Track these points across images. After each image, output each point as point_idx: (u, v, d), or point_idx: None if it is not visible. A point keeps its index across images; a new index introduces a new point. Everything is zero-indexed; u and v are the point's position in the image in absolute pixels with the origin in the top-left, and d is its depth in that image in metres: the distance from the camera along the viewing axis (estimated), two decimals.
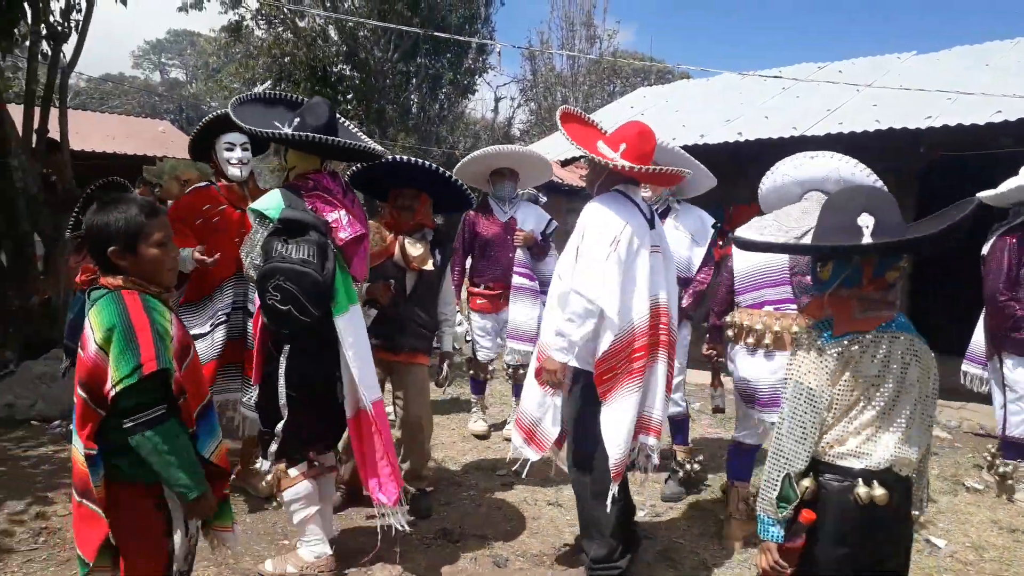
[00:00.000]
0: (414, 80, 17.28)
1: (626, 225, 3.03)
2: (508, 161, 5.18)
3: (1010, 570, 3.63)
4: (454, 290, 5.04)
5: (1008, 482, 4.48)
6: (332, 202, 3.16)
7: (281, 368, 3.09)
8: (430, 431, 4.17)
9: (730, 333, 3.61)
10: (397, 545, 3.51)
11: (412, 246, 3.87)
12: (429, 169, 3.82)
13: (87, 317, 2.12)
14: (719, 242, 4.86)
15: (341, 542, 3.56)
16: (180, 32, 40.98)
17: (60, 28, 6.63)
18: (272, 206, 3.04)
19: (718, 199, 8.04)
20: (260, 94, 3.51)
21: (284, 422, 3.12)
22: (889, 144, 6.82)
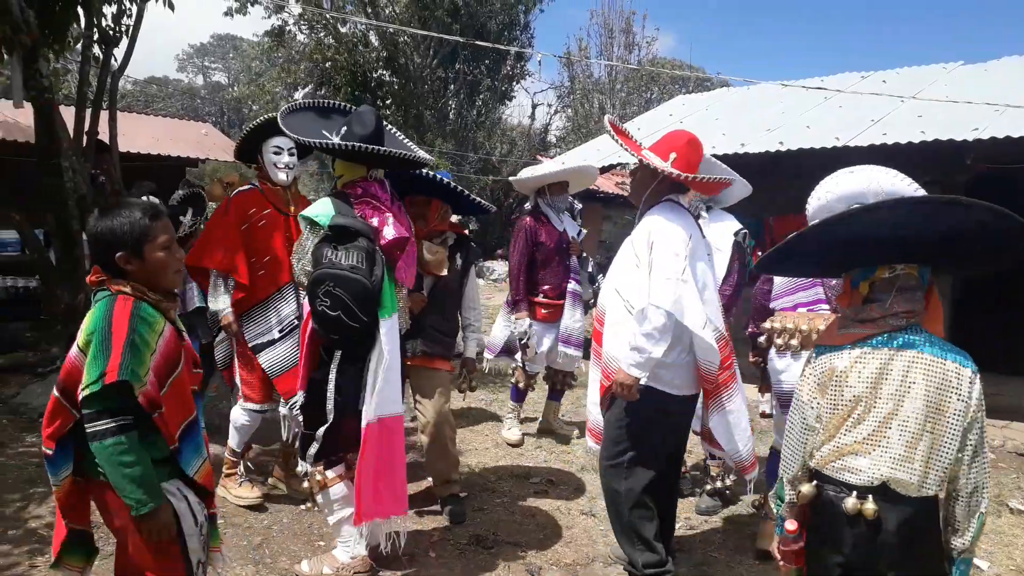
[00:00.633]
0: (452, 86, 17.40)
1: (690, 237, 3.06)
2: (570, 176, 5.29)
3: None
4: (521, 301, 5.11)
5: None
6: (380, 208, 3.21)
7: (332, 373, 3.12)
8: (453, 435, 4.18)
9: (762, 339, 3.59)
10: (433, 550, 3.53)
11: (427, 252, 3.91)
12: (438, 182, 3.80)
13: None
14: (757, 252, 4.81)
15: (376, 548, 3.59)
16: (223, 36, 41.79)
17: (111, 32, 6.80)
18: (323, 213, 3.10)
19: (757, 209, 7.99)
20: (311, 103, 3.57)
21: (328, 426, 3.15)
22: (935, 156, 6.70)
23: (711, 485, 4.38)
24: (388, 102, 17.46)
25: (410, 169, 3.59)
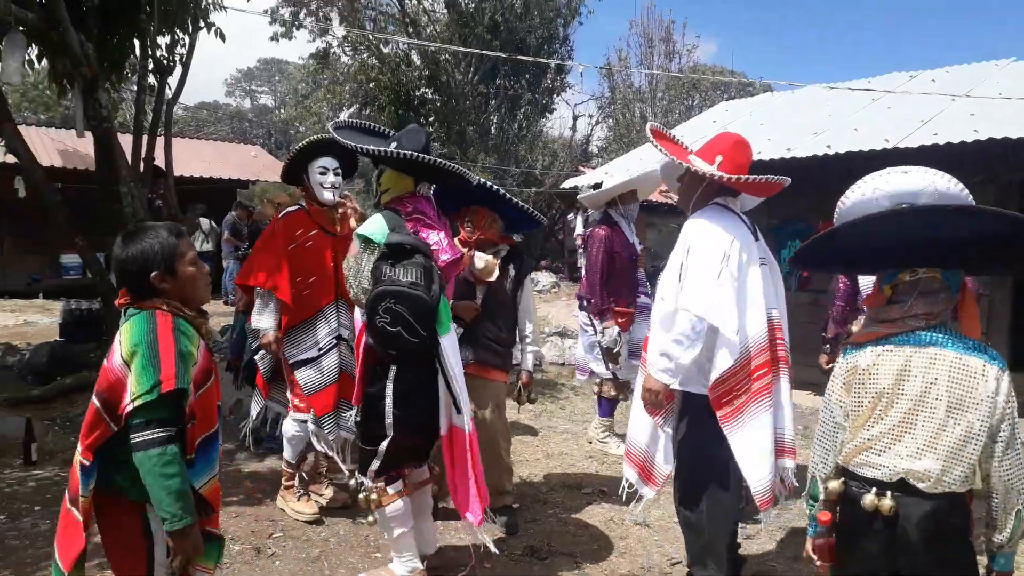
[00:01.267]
0: (493, 101, 17.50)
1: (734, 239, 2.96)
2: (639, 183, 5.29)
3: None
4: (606, 310, 5.13)
5: None
6: (432, 225, 3.27)
7: (388, 388, 3.17)
8: (508, 445, 4.20)
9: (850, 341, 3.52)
10: (488, 561, 3.56)
11: (478, 260, 3.96)
12: (490, 190, 3.86)
13: (119, 331, 2.15)
14: None
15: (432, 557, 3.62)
16: (269, 60, 42.79)
17: (166, 62, 7.05)
18: (377, 231, 3.14)
19: (806, 214, 7.88)
20: (355, 123, 3.64)
21: (388, 440, 3.18)
22: (988, 155, 6.53)
23: None
24: (431, 119, 17.64)
25: (456, 183, 3.61)
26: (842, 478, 2.19)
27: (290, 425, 4.14)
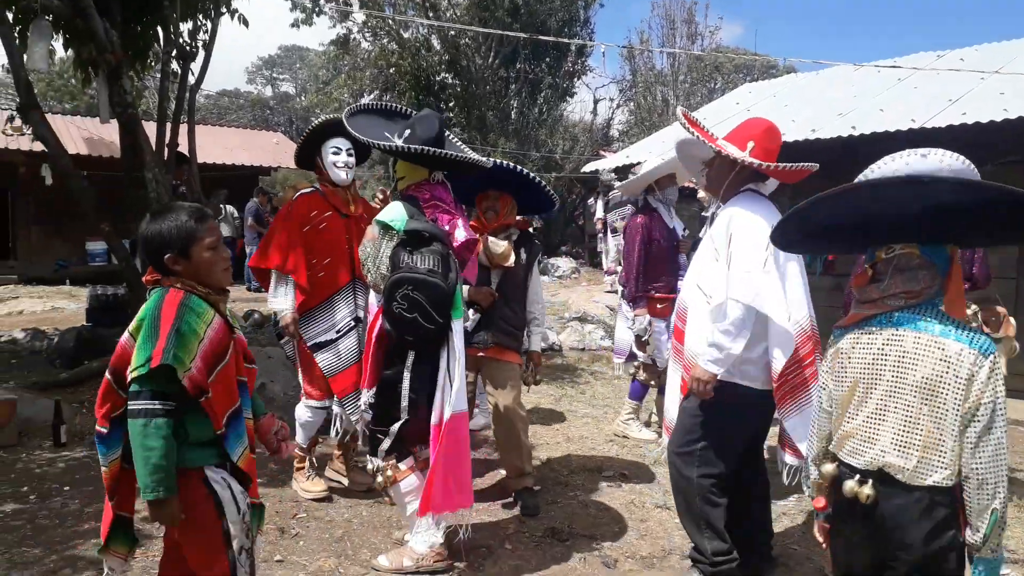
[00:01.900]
0: (514, 85, 17.44)
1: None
2: (677, 166, 5.17)
3: None
4: (640, 298, 5.09)
5: None
6: (450, 211, 3.29)
7: (406, 372, 3.19)
8: (525, 427, 4.22)
9: None
10: (509, 542, 3.58)
11: (494, 244, 3.97)
12: (514, 171, 3.88)
13: None
14: None
15: (451, 537, 3.65)
16: (290, 47, 42.89)
17: (188, 48, 7.08)
18: (397, 218, 3.17)
19: None
20: (372, 105, 3.65)
21: (402, 422, 3.21)
22: (1019, 135, 6.40)
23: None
24: (451, 104, 17.62)
25: (469, 172, 3.62)
26: (836, 463, 2.14)
27: (302, 411, 4.17)
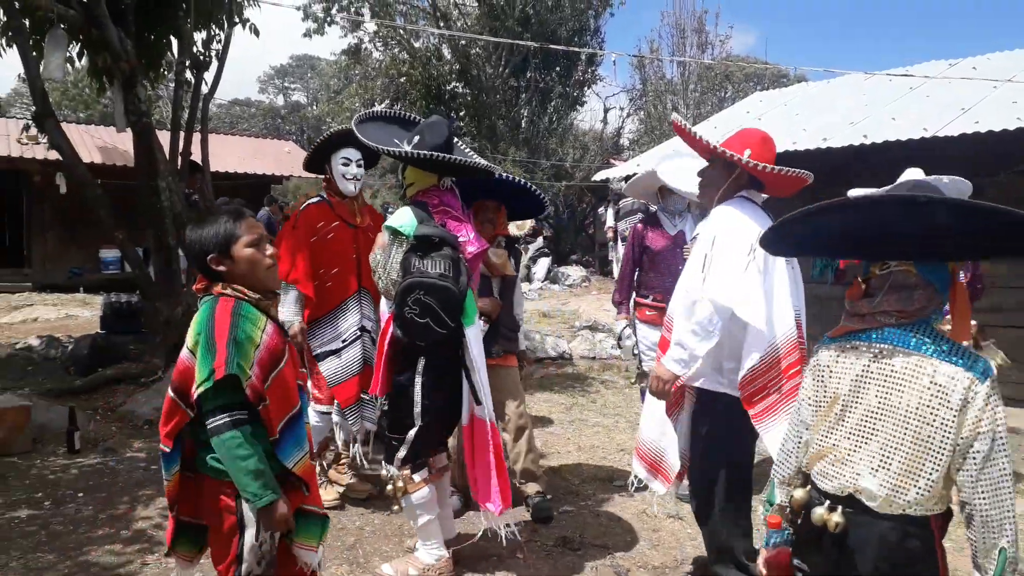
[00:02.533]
0: (524, 95, 17.49)
1: (761, 232, 2.90)
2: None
3: None
4: (620, 304, 5.09)
5: None
6: (459, 218, 3.31)
7: (418, 378, 3.20)
8: (531, 430, 4.27)
9: None
10: (520, 552, 3.57)
11: (495, 254, 3.98)
12: (506, 180, 3.87)
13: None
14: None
15: (460, 546, 3.64)
16: (302, 57, 43.15)
17: (202, 57, 7.15)
18: (406, 223, 3.19)
19: None
20: (381, 112, 3.64)
21: (416, 429, 3.22)
22: None
23: None
24: (462, 113, 17.69)
25: (478, 177, 3.63)
26: (808, 486, 2.00)
27: (310, 415, 4.14)
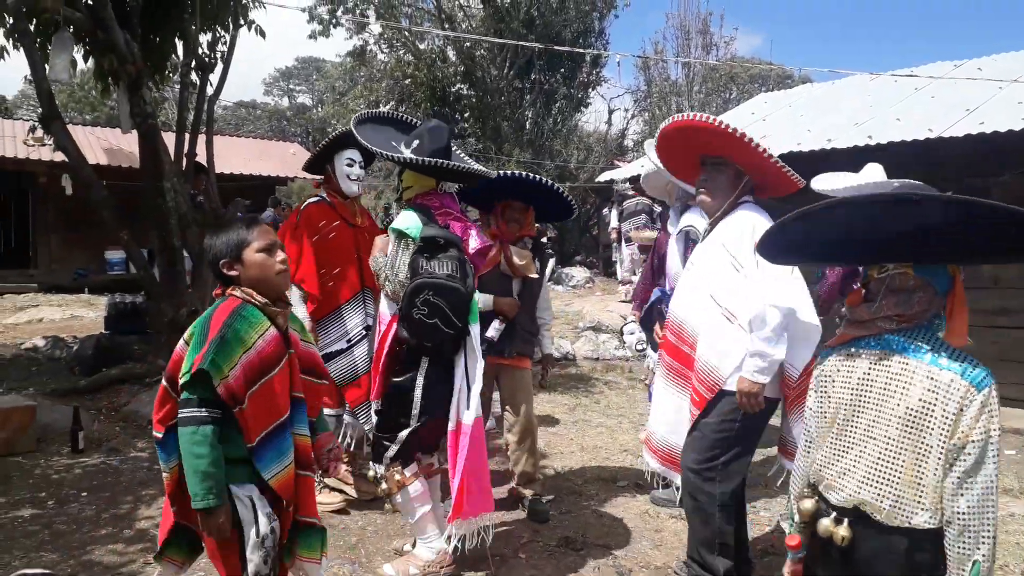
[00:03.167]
0: (528, 96, 17.51)
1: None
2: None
3: None
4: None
5: None
6: (461, 219, 3.35)
7: (420, 379, 3.20)
8: (537, 433, 4.27)
9: None
10: (522, 551, 3.57)
11: (517, 255, 3.98)
12: (538, 183, 3.91)
13: None
14: None
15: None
16: (307, 59, 43.29)
17: (207, 59, 7.17)
18: (412, 225, 3.21)
19: None
20: (378, 113, 3.67)
21: (411, 430, 3.21)
22: None
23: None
24: (466, 115, 17.72)
25: (475, 184, 3.70)
26: (816, 497, 1.98)
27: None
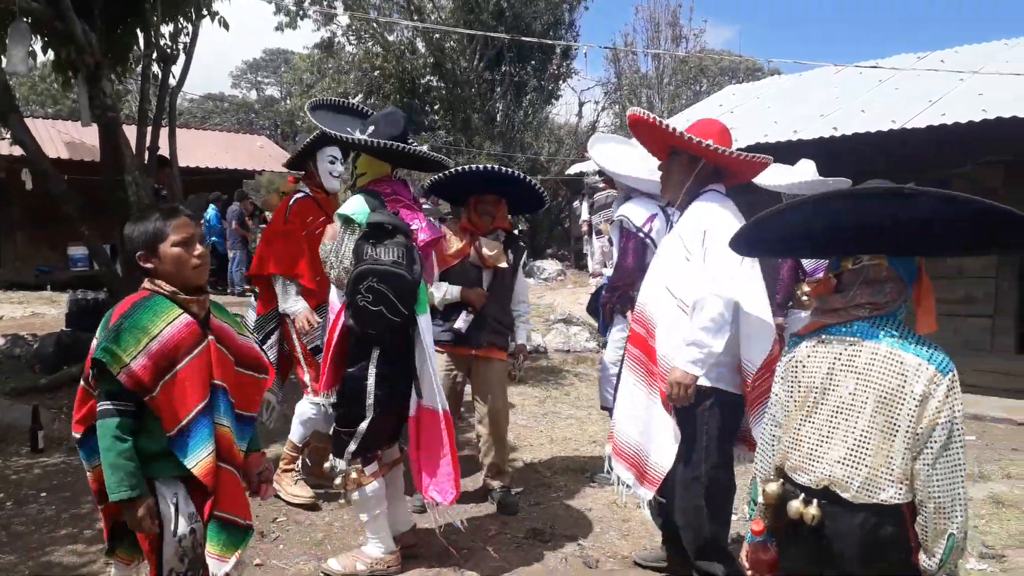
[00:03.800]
0: (499, 88, 17.45)
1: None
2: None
3: None
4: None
5: None
6: (411, 207, 3.32)
7: (371, 369, 3.15)
8: (507, 426, 4.28)
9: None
10: (490, 544, 3.56)
11: (487, 246, 3.98)
12: (509, 176, 3.94)
13: None
14: None
15: (422, 539, 3.60)
16: (275, 51, 42.65)
17: (169, 51, 7.04)
18: (359, 211, 3.17)
19: None
20: (332, 101, 3.68)
21: (368, 421, 3.17)
22: (998, 135, 6.46)
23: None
24: (436, 107, 17.63)
25: (432, 170, 3.72)
26: (781, 480, 2.03)
27: (307, 407, 4.07)
